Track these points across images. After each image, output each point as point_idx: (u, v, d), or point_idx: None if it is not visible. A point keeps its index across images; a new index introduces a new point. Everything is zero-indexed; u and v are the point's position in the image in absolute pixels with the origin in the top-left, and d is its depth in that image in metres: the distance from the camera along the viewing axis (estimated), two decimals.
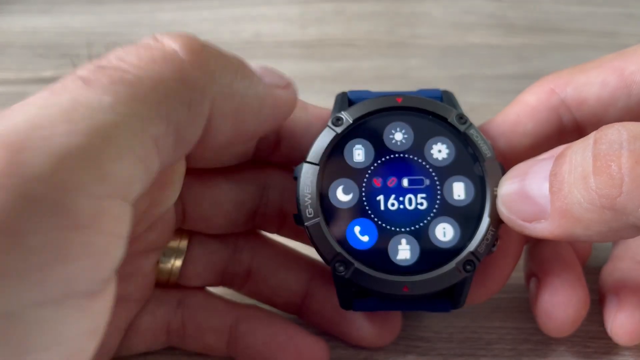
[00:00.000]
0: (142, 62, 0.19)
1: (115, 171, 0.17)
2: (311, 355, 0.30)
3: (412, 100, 0.28)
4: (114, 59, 0.19)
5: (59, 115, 0.17)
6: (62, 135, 0.16)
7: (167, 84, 0.19)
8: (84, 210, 0.16)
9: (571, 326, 0.28)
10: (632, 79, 0.27)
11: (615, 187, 0.22)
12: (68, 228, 0.16)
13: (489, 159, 0.27)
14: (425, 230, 0.27)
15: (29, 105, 0.17)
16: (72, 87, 0.18)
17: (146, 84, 0.19)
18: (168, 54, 0.20)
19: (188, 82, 0.20)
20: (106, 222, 0.17)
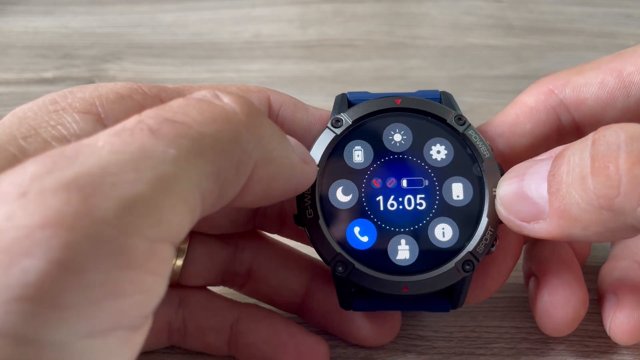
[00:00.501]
0: (205, 119, 0.20)
1: (169, 219, 0.18)
2: (312, 354, 0.30)
3: (411, 102, 0.29)
4: (178, 112, 0.20)
5: (128, 163, 0.18)
6: (129, 183, 0.17)
7: (224, 143, 0.20)
8: (139, 252, 0.17)
9: (570, 326, 0.29)
10: (630, 79, 0.27)
11: (613, 188, 0.22)
12: (124, 267, 0.17)
13: (487, 160, 0.28)
14: (425, 231, 0.27)
15: (98, 148, 0.18)
16: (139, 136, 0.19)
17: (206, 142, 0.20)
18: (228, 114, 0.21)
19: (241, 144, 0.21)
20: (155, 263, 0.18)
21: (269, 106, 0.29)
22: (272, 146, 0.22)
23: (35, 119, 0.23)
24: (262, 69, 0.49)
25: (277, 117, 0.29)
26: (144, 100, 0.25)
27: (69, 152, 0.18)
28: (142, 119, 0.19)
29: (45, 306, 0.16)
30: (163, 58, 0.50)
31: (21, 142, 0.22)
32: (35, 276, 0.16)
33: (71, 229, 0.16)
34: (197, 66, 0.50)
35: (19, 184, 0.17)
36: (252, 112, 0.22)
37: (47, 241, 0.16)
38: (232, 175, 0.21)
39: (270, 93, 0.29)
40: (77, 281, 0.16)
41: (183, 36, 0.52)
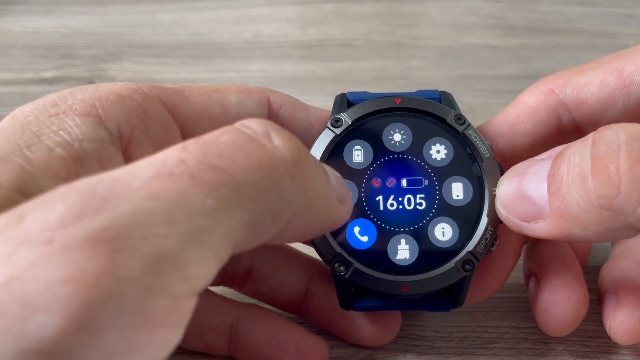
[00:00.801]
0: (250, 165, 0.19)
1: (197, 273, 0.18)
2: (311, 353, 0.30)
3: (411, 102, 0.29)
4: (224, 154, 0.19)
5: (162, 213, 0.17)
6: (160, 237, 0.17)
7: (265, 193, 0.19)
8: (160, 310, 0.17)
9: (570, 325, 0.29)
10: (630, 79, 0.27)
11: (613, 188, 0.22)
12: (142, 325, 0.16)
13: (487, 159, 0.28)
14: (424, 230, 0.27)
15: (134, 191, 0.17)
16: (178, 182, 0.18)
17: (248, 192, 0.19)
18: (276, 162, 0.20)
19: (283, 196, 0.20)
20: (176, 318, 0.17)
21: (269, 106, 0.29)
22: (314, 195, 0.21)
23: (37, 124, 0.23)
24: (262, 69, 0.49)
25: (277, 117, 0.29)
26: (144, 101, 0.25)
27: (101, 192, 0.17)
28: (183, 159, 0.18)
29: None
30: (163, 58, 0.50)
31: (26, 151, 0.21)
32: (51, 332, 0.15)
33: (93, 287, 0.16)
34: (197, 66, 0.50)
35: (44, 226, 0.16)
36: (300, 158, 0.21)
37: (67, 298, 0.15)
38: (267, 225, 0.20)
39: (270, 93, 0.29)
40: (93, 340, 0.16)
41: (183, 36, 0.52)
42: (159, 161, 0.18)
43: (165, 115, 0.26)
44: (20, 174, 0.21)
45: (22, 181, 0.21)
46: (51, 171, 0.21)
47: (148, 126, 0.25)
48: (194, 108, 0.27)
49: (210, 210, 0.18)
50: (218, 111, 0.27)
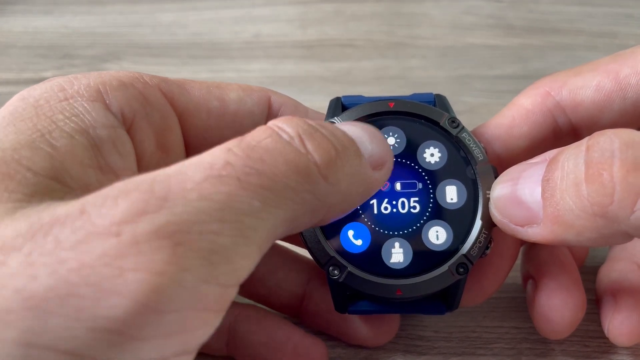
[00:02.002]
0: (289, 170, 0.21)
1: (243, 266, 0.20)
2: (309, 354, 0.30)
3: (405, 105, 0.29)
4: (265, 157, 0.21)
5: (215, 213, 0.19)
6: (213, 234, 0.19)
7: (303, 195, 0.21)
8: (211, 297, 0.19)
9: (568, 329, 0.28)
10: (627, 82, 0.27)
11: (607, 195, 0.22)
12: (197, 310, 0.19)
13: (481, 162, 0.28)
14: (418, 234, 0.27)
15: (188, 191, 0.19)
16: (227, 184, 0.19)
17: (288, 194, 0.21)
18: (310, 168, 0.21)
19: (318, 195, 0.22)
20: (223, 303, 0.20)
21: (269, 106, 0.29)
22: (348, 186, 0.23)
23: (50, 108, 0.23)
24: (262, 68, 0.49)
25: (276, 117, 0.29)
26: (145, 89, 0.26)
27: (159, 192, 0.19)
28: (230, 162, 0.20)
29: (124, 338, 0.17)
30: (163, 58, 0.50)
31: (49, 138, 0.22)
32: (122, 313, 0.17)
33: (159, 275, 0.18)
34: (197, 66, 0.50)
35: (111, 221, 0.18)
36: (330, 161, 0.22)
37: (137, 284, 0.17)
38: (306, 219, 0.22)
39: (271, 93, 0.29)
40: (156, 320, 0.18)
41: (183, 36, 0.52)
42: (207, 162, 0.20)
43: (164, 104, 0.26)
44: (51, 161, 0.21)
45: (54, 169, 0.21)
46: (77, 159, 0.22)
47: (148, 112, 0.26)
48: (192, 100, 0.27)
49: (256, 210, 0.20)
50: (216, 105, 0.28)
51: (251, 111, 0.28)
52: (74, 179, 0.22)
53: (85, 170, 0.22)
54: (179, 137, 0.27)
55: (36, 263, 0.17)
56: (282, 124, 0.22)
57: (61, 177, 0.21)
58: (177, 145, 0.27)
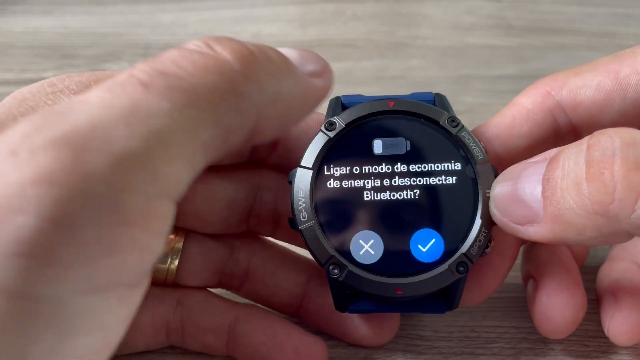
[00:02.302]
0: (197, 70, 0.20)
1: (166, 173, 0.18)
2: (310, 354, 0.30)
3: (404, 104, 0.29)
4: (170, 64, 0.20)
5: (119, 118, 0.18)
6: (121, 138, 0.17)
7: (220, 93, 0.20)
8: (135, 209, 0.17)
9: (568, 328, 0.28)
10: (627, 81, 0.27)
11: (608, 194, 0.22)
12: (119, 224, 0.17)
13: (480, 161, 0.28)
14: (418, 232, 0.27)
15: (89, 104, 0.18)
16: (131, 90, 0.19)
17: (200, 92, 0.19)
18: (221, 64, 0.21)
19: (238, 92, 0.21)
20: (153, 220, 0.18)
21: None
22: (274, 86, 0.22)
23: (34, 100, 0.23)
24: None
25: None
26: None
27: (60, 109, 0.18)
28: (133, 73, 0.19)
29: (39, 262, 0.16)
30: None
31: (19, 118, 0.22)
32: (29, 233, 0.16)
33: (62, 185, 0.16)
34: None
35: (9, 142, 0.17)
36: (246, 57, 0.21)
37: (39, 198, 0.16)
38: (235, 122, 0.21)
39: None
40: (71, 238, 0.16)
41: (183, 36, 0.52)
42: (110, 80, 0.19)
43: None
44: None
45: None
46: None
47: None
48: None
49: (167, 111, 0.18)
50: None
51: None
52: None
53: None
54: None
55: None
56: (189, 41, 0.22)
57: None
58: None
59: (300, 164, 0.28)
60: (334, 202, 0.27)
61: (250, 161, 0.30)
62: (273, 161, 0.30)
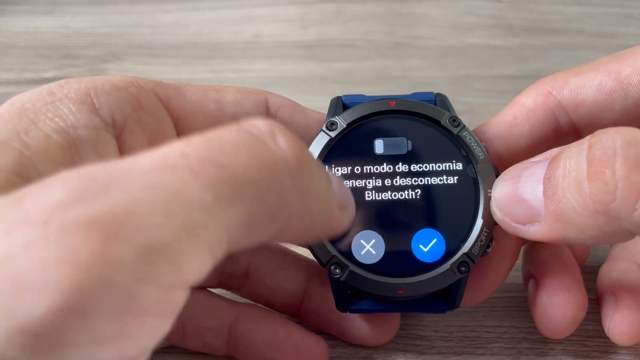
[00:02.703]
0: (251, 166, 0.19)
1: (190, 267, 0.18)
2: (310, 353, 0.30)
3: (405, 104, 0.29)
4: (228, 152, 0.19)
5: (159, 205, 0.17)
6: (155, 228, 0.17)
7: (265, 192, 0.19)
8: (151, 300, 0.17)
9: (569, 328, 0.28)
10: (628, 81, 0.27)
11: (609, 193, 0.22)
12: (132, 313, 0.17)
13: (482, 161, 0.28)
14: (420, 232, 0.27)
15: (132, 180, 0.17)
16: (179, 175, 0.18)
17: (247, 190, 0.19)
18: (278, 162, 0.20)
19: (282, 196, 0.20)
20: (167, 307, 0.18)
21: (267, 108, 0.29)
22: (313, 199, 0.21)
23: (34, 110, 0.23)
24: (262, 69, 0.49)
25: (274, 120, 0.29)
26: (139, 94, 0.26)
27: (101, 179, 0.17)
28: (186, 153, 0.18)
29: (46, 342, 0.16)
30: (163, 58, 0.51)
31: (23, 137, 0.22)
32: (41, 312, 0.15)
33: (85, 271, 0.16)
34: (197, 66, 0.50)
35: (42, 208, 0.16)
36: (303, 161, 0.21)
37: (59, 280, 0.16)
38: (264, 224, 0.20)
39: (269, 95, 0.29)
40: (82, 323, 0.16)
41: (183, 36, 0.52)
42: (162, 153, 0.18)
43: (159, 109, 0.26)
44: (19, 158, 0.21)
45: (21, 165, 0.21)
46: (49, 156, 0.21)
47: (141, 116, 0.25)
48: (188, 104, 0.27)
49: (208, 205, 0.18)
50: (213, 108, 0.27)
51: (249, 114, 0.28)
52: (41, 176, 0.21)
53: (56, 168, 0.21)
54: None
55: None
56: (254, 120, 0.21)
57: (26, 173, 0.21)
58: None
59: None
60: None
61: None
62: None
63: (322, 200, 0.22)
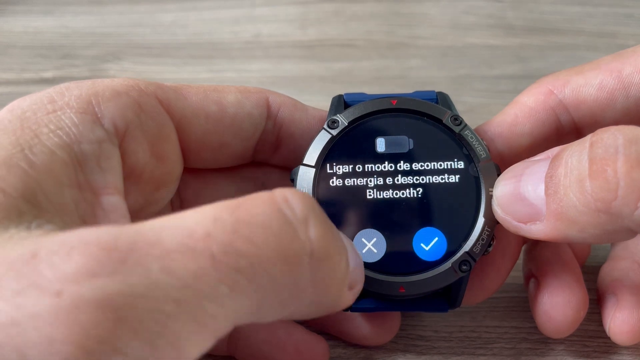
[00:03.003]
0: (276, 258, 0.19)
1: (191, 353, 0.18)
2: (311, 353, 0.30)
3: (407, 102, 0.29)
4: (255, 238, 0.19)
5: (172, 292, 0.17)
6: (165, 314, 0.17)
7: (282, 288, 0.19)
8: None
9: (570, 327, 0.28)
10: (629, 80, 0.27)
11: (611, 191, 0.22)
12: None
13: (483, 160, 0.28)
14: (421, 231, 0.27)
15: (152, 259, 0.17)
16: (198, 260, 0.18)
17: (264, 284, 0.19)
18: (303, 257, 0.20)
19: (297, 289, 0.20)
20: None
21: (268, 107, 0.29)
22: (328, 288, 0.21)
23: (36, 120, 0.22)
24: (262, 69, 0.49)
25: (275, 118, 0.29)
26: (140, 98, 0.25)
27: (120, 251, 0.17)
28: (211, 233, 0.18)
29: None
30: (163, 58, 0.50)
31: (28, 154, 0.21)
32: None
33: (89, 353, 0.16)
34: (197, 66, 0.50)
35: (58, 276, 0.16)
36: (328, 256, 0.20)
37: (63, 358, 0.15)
38: (274, 311, 0.20)
39: (269, 94, 0.29)
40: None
41: (183, 36, 0.52)
42: (187, 228, 0.18)
43: (160, 112, 0.26)
44: (26, 180, 0.20)
45: (28, 188, 0.20)
46: (54, 177, 0.21)
47: (143, 121, 0.25)
48: (189, 106, 0.27)
49: (222, 296, 0.18)
50: (214, 110, 0.27)
51: (250, 113, 0.28)
52: (48, 199, 0.20)
53: (61, 190, 0.21)
54: (175, 145, 0.27)
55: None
56: (291, 198, 0.20)
57: (34, 198, 0.20)
58: (173, 152, 0.27)
59: (302, 162, 0.28)
60: (337, 200, 0.27)
61: (255, 161, 0.30)
62: (276, 161, 0.30)
63: (335, 286, 0.22)
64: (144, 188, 0.26)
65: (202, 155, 0.28)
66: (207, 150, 0.28)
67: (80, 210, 0.22)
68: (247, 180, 0.30)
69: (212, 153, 0.28)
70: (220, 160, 0.29)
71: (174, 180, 0.27)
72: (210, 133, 0.27)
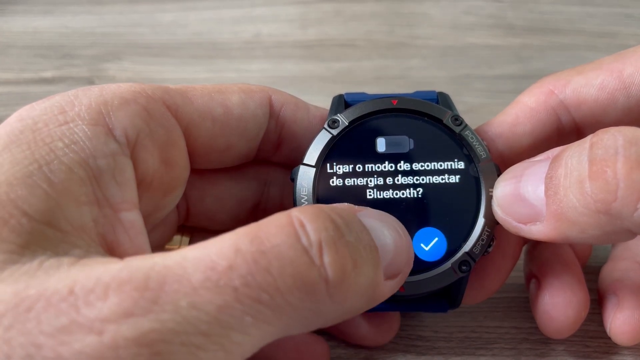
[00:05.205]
0: (293, 286, 0.20)
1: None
2: (311, 353, 0.30)
3: (408, 102, 0.29)
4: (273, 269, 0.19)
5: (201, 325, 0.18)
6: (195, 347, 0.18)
7: (302, 312, 0.20)
8: None
9: (571, 328, 0.29)
10: (630, 80, 0.27)
11: (611, 192, 0.22)
12: None
13: (484, 160, 0.28)
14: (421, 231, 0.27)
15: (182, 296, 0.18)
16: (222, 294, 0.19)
17: (286, 312, 0.19)
18: (318, 285, 0.20)
19: (318, 313, 0.21)
20: None
21: (270, 106, 0.29)
22: (352, 304, 0.22)
23: (49, 133, 0.22)
24: (262, 69, 0.49)
25: (278, 117, 0.29)
26: (148, 104, 0.25)
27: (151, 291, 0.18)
28: (233, 266, 0.19)
29: None
30: (163, 58, 0.50)
31: (47, 173, 0.21)
32: None
33: None
34: (197, 66, 0.50)
35: (96, 316, 0.18)
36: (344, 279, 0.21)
37: None
38: (297, 331, 0.21)
39: (272, 93, 0.29)
40: None
41: (183, 36, 0.52)
42: (209, 262, 0.19)
43: (168, 118, 0.26)
44: (47, 201, 0.20)
45: (50, 211, 0.20)
46: (73, 197, 0.21)
47: (152, 129, 0.25)
48: (196, 110, 0.27)
49: (247, 325, 0.19)
50: (220, 112, 0.27)
51: (254, 114, 0.28)
52: (68, 220, 0.21)
53: (80, 209, 0.21)
54: (183, 150, 0.26)
55: (13, 341, 0.17)
56: (307, 222, 0.21)
57: (56, 221, 0.20)
58: (181, 158, 0.26)
59: (303, 161, 0.27)
60: (337, 200, 0.27)
61: (257, 160, 0.30)
62: (278, 159, 0.30)
63: (363, 296, 0.22)
64: (153, 195, 0.25)
65: (209, 158, 0.28)
66: (213, 153, 0.28)
67: (100, 227, 0.22)
68: (251, 179, 0.30)
69: (218, 155, 0.28)
70: (226, 161, 0.29)
71: (182, 184, 0.27)
72: (217, 136, 0.27)
